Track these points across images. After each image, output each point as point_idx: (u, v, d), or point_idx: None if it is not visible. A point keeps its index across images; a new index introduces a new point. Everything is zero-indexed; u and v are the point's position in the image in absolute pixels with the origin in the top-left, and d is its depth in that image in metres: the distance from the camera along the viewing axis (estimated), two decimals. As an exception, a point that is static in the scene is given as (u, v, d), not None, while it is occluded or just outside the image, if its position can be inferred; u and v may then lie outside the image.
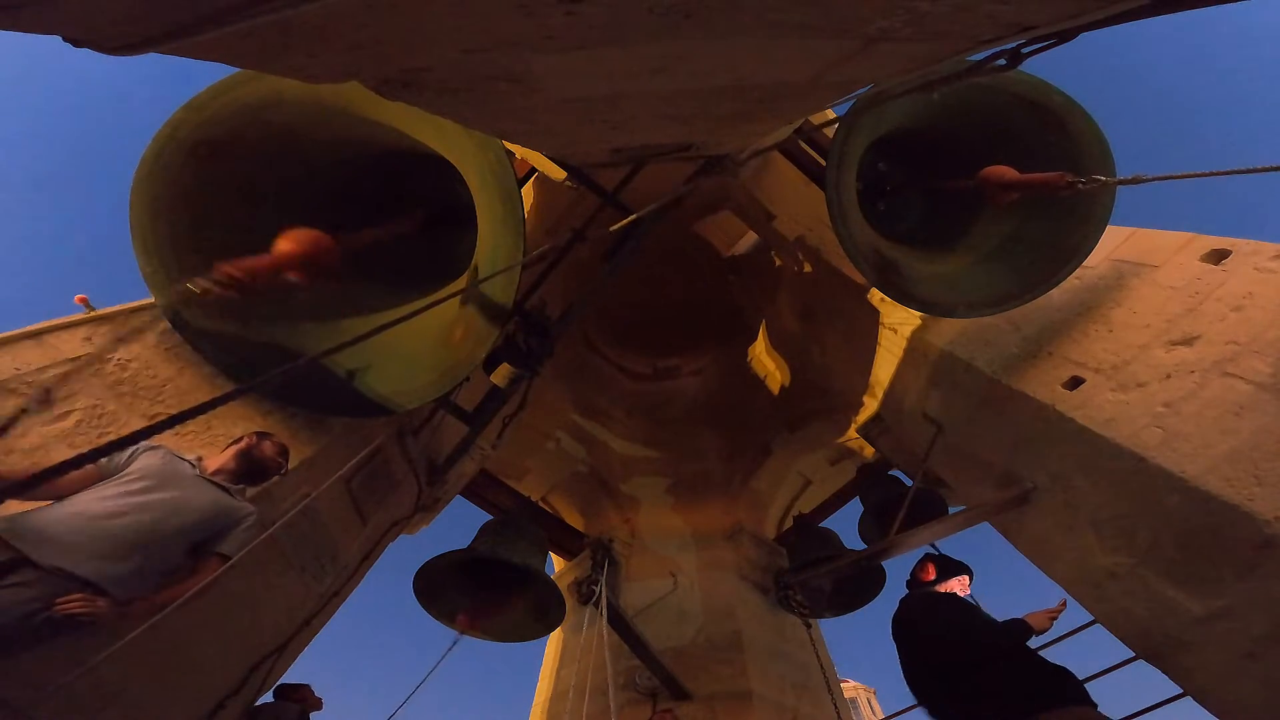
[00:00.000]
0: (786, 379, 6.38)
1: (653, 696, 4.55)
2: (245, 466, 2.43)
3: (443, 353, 3.08)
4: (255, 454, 2.45)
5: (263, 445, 2.48)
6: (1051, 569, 3.08)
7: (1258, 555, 2.11)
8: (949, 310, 3.44)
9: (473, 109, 1.48)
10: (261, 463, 2.46)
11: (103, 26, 0.83)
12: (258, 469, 2.46)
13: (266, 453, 2.47)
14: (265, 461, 2.47)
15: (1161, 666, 2.52)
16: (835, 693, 4.81)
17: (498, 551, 3.95)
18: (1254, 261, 2.75)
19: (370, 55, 1.10)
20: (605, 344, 7.08)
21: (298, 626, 3.04)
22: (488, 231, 2.84)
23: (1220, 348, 2.57)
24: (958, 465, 3.92)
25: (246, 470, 2.43)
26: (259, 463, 2.45)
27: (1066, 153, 2.98)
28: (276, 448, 2.51)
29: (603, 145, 2.07)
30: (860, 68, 1.31)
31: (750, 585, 5.62)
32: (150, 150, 2.50)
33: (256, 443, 2.48)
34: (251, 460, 2.44)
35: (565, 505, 6.57)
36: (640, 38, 1.10)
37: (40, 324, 2.54)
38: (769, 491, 6.54)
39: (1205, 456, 2.33)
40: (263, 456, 2.46)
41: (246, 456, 2.44)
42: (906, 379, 4.28)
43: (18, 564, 1.77)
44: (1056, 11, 1.04)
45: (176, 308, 2.70)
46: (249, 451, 2.45)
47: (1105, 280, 3.32)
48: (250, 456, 2.44)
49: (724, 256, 6.66)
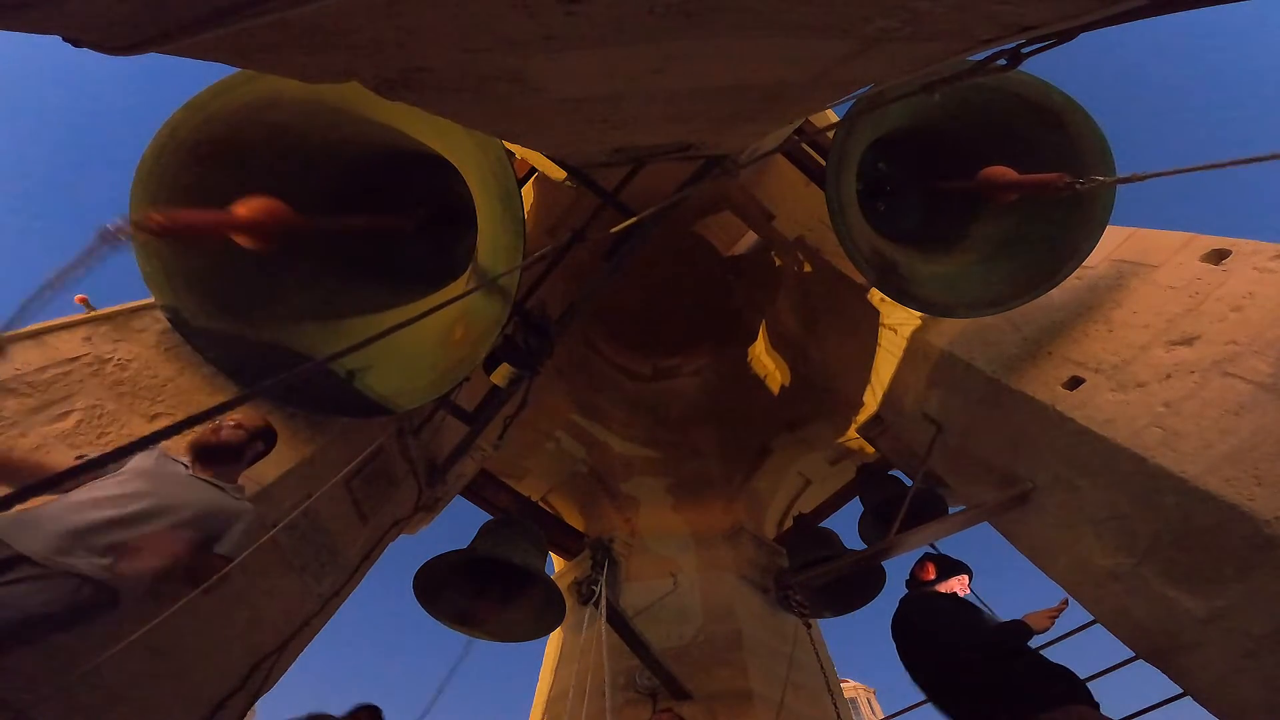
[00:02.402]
0: (786, 379, 6.38)
1: (652, 696, 4.55)
2: (207, 457, 2.33)
3: (443, 353, 3.08)
4: (206, 442, 2.35)
5: (218, 430, 2.37)
6: (1051, 569, 3.08)
7: (1258, 555, 2.11)
8: (949, 310, 3.44)
9: (473, 109, 1.48)
10: (219, 446, 2.35)
11: (103, 26, 0.83)
12: (223, 452, 2.36)
13: (221, 435, 2.37)
14: (221, 445, 2.36)
15: (1161, 666, 2.52)
16: (835, 693, 4.80)
17: (498, 551, 3.95)
18: (1254, 261, 2.75)
19: (370, 55, 1.10)
20: (605, 344, 7.08)
21: (298, 626, 3.04)
22: (488, 231, 2.84)
23: (1220, 348, 2.57)
24: (958, 465, 3.92)
25: (213, 459, 2.34)
26: (217, 448, 2.35)
27: (1066, 153, 2.98)
28: (233, 423, 2.41)
29: (603, 145, 2.07)
30: (860, 68, 1.31)
31: (750, 585, 5.62)
32: (150, 150, 2.50)
33: (208, 431, 2.37)
34: (207, 449, 2.34)
35: (565, 505, 6.56)
36: (640, 38, 1.10)
37: (40, 324, 2.54)
38: (769, 491, 6.54)
39: (1205, 456, 2.33)
40: (217, 440, 2.36)
41: (200, 448, 2.34)
42: (906, 379, 4.28)
43: (15, 561, 1.77)
44: (1056, 11, 1.04)
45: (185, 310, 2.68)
46: (199, 444, 2.35)
47: (1105, 280, 3.32)
48: (204, 447, 2.34)
49: (724, 256, 6.66)
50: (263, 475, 2.73)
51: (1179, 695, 2.75)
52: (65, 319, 2.62)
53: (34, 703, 1.89)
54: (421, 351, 3.08)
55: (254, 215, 1.98)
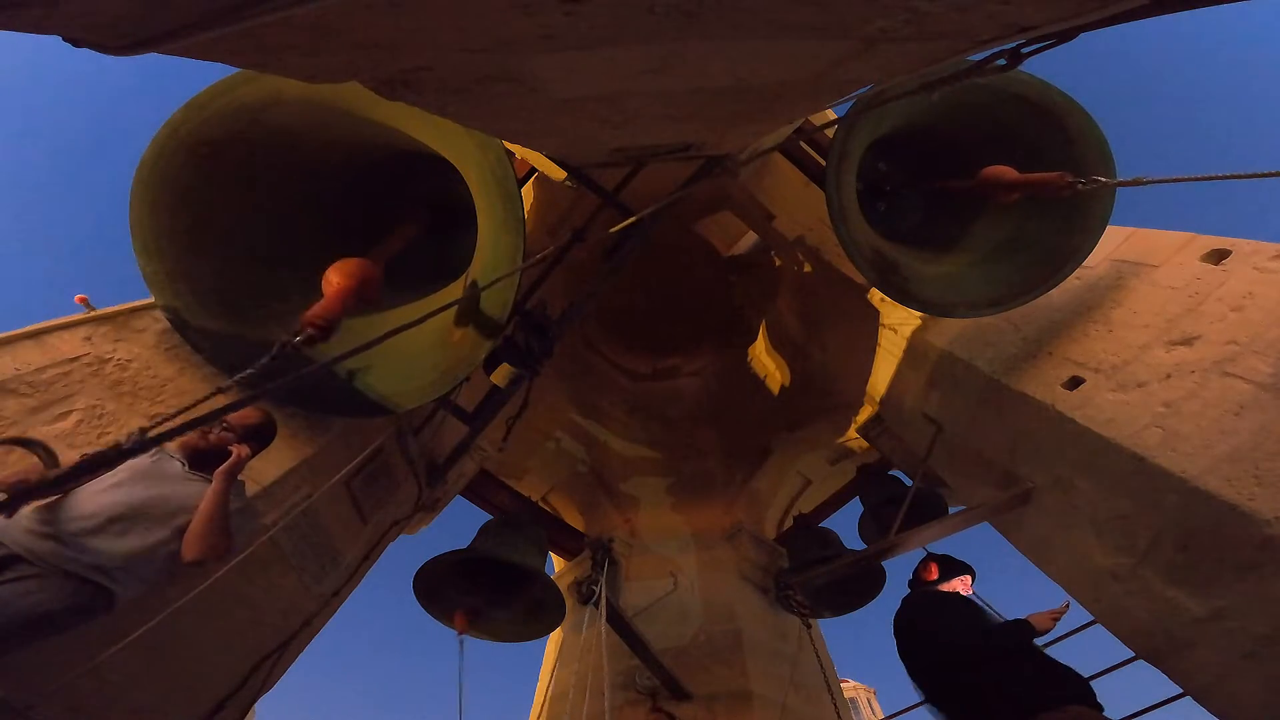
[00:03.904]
0: (786, 379, 6.38)
1: (652, 696, 4.55)
2: (198, 460, 2.33)
3: (442, 353, 3.07)
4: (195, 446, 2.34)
5: (206, 435, 2.37)
6: (1051, 569, 3.08)
7: (1258, 555, 2.11)
8: (949, 310, 3.44)
9: (473, 109, 1.48)
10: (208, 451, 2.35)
11: (103, 26, 0.83)
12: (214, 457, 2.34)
13: (211, 440, 2.36)
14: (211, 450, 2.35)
15: (1161, 666, 2.52)
16: (835, 693, 4.80)
17: (498, 551, 3.95)
18: (1254, 261, 2.75)
19: (370, 55, 1.10)
20: (605, 344, 7.08)
21: (298, 627, 3.04)
22: (488, 231, 2.84)
23: (1220, 348, 2.57)
24: (958, 465, 3.92)
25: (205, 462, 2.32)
26: (206, 452, 2.34)
27: (1066, 153, 2.98)
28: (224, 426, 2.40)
29: (603, 145, 2.07)
30: (860, 68, 1.31)
31: (750, 585, 5.62)
32: (150, 150, 2.50)
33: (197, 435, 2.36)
34: (197, 453, 2.34)
35: (565, 505, 6.56)
36: (640, 38, 1.10)
37: (40, 324, 2.54)
38: (769, 491, 6.54)
39: (1205, 456, 2.33)
40: (206, 446, 2.36)
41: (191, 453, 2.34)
42: (906, 379, 4.28)
43: (13, 560, 1.77)
44: (1056, 11, 1.04)
45: (185, 310, 2.70)
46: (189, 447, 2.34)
47: (1105, 280, 3.32)
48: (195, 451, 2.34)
49: (724, 256, 6.66)
50: (263, 475, 2.73)
51: (1179, 695, 2.76)
52: (65, 319, 2.63)
53: (34, 703, 1.89)
54: (421, 351, 3.08)
55: (358, 282, 2.12)
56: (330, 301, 2.01)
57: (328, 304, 2.00)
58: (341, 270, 2.11)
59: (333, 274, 2.10)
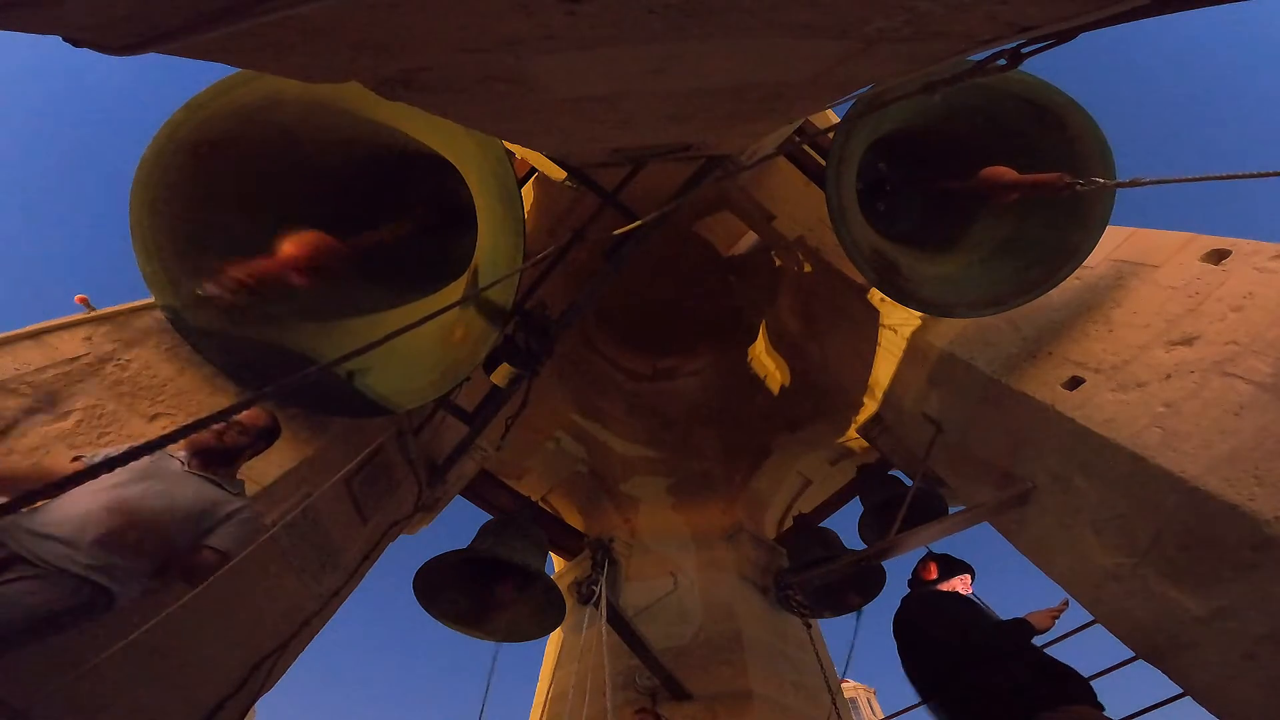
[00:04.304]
0: (786, 379, 6.38)
1: (652, 696, 4.55)
2: (207, 458, 2.35)
3: (443, 353, 3.08)
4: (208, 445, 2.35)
5: (222, 434, 2.38)
6: (1051, 569, 3.08)
7: (1258, 555, 2.11)
8: (949, 310, 3.44)
9: (473, 109, 1.48)
10: (223, 451, 2.37)
11: (103, 26, 0.83)
12: (225, 455, 2.38)
13: (225, 440, 2.38)
14: (225, 449, 2.38)
15: (1161, 666, 2.52)
16: (835, 693, 4.81)
17: (498, 551, 3.95)
18: (1254, 261, 2.75)
19: (370, 55, 1.10)
20: (605, 344, 7.08)
21: (298, 626, 3.04)
22: (488, 231, 2.84)
23: (1220, 348, 2.57)
24: (958, 465, 3.91)
25: (214, 460, 2.36)
26: (219, 451, 2.37)
27: (1066, 153, 2.98)
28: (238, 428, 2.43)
29: (603, 145, 2.07)
30: (860, 68, 1.31)
31: (750, 585, 5.62)
32: (150, 150, 2.50)
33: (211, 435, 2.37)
34: (209, 451, 2.35)
35: (565, 505, 6.56)
36: (640, 38, 1.10)
37: (40, 324, 2.54)
38: (769, 491, 6.54)
39: (1205, 456, 2.33)
40: (221, 446, 2.37)
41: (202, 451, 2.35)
42: (906, 379, 4.27)
43: (13, 561, 1.77)
44: (1056, 11, 1.04)
45: (185, 310, 2.70)
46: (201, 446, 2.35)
47: (1105, 280, 3.32)
48: (207, 450, 2.35)
49: (724, 256, 6.66)
50: (263, 475, 2.73)
51: (1179, 695, 2.76)
52: (65, 319, 2.62)
53: (34, 703, 1.89)
54: (421, 351, 3.08)
55: (306, 252, 2.06)
56: (262, 263, 1.97)
57: (259, 265, 1.96)
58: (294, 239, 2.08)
59: (284, 242, 2.08)
